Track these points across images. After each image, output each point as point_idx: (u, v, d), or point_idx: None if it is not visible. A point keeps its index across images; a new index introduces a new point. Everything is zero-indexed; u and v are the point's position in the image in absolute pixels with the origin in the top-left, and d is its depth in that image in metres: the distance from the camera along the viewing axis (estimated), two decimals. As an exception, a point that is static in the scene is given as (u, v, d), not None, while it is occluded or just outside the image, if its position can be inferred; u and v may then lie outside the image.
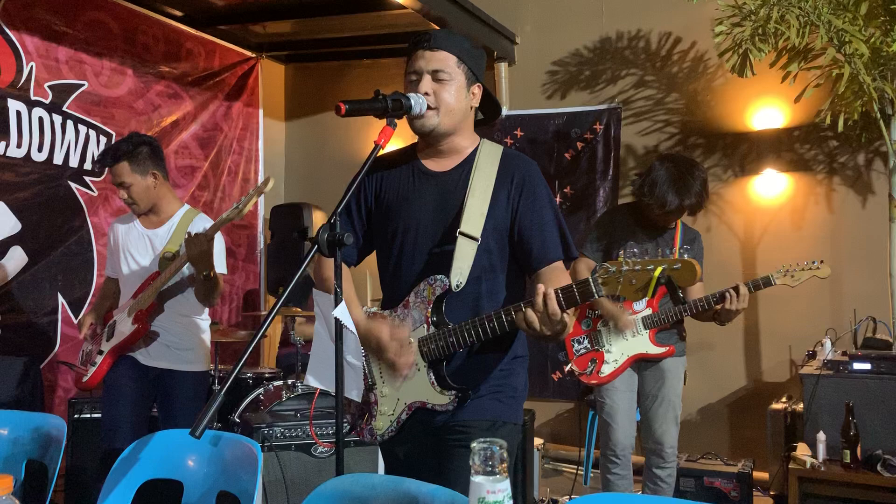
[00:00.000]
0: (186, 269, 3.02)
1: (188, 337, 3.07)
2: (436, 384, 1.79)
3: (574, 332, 3.30)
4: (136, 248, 3.10)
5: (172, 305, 3.04)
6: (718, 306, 2.97)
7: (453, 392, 1.78)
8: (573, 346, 3.28)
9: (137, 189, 3.02)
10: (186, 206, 3.17)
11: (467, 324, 1.74)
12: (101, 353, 3.05)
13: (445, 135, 1.86)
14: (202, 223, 3.05)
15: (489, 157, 1.88)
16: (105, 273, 3.32)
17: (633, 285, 1.53)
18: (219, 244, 3.02)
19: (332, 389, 1.72)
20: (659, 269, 1.50)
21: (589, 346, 3.23)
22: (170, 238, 3.06)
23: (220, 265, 3.03)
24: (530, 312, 1.62)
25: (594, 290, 1.58)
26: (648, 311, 3.14)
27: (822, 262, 3.09)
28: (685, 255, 3.14)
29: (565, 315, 1.63)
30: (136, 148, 3.01)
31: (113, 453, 2.94)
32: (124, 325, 3.02)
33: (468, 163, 1.88)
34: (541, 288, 1.61)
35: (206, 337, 3.17)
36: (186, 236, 2.86)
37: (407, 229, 1.88)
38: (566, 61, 5.18)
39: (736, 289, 2.91)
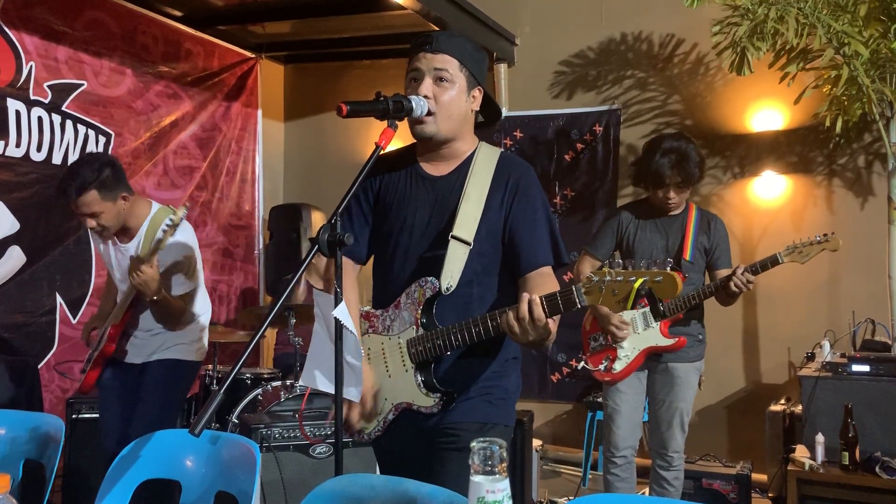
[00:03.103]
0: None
1: (189, 333, 3.06)
2: (422, 386, 1.79)
3: (592, 328, 3.29)
4: (114, 264, 3.03)
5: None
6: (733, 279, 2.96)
7: (438, 395, 1.78)
8: (590, 343, 3.27)
9: (108, 216, 2.84)
10: (156, 208, 2.98)
11: (454, 326, 1.74)
12: (89, 361, 3.07)
13: (445, 140, 1.87)
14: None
15: (486, 161, 1.89)
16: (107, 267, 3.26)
17: (614, 296, 1.52)
18: (184, 253, 2.88)
19: (326, 390, 1.72)
20: (640, 281, 1.48)
21: (604, 342, 3.21)
22: (140, 248, 2.91)
23: (182, 286, 2.90)
24: (510, 317, 1.62)
25: (577, 300, 1.57)
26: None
27: (832, 233, 3.04)
28: (700, 246, 3.15)
29: (550, 321, 1.62)
30: (101, 173, 2.78)
31: (105, 455, 2.98)
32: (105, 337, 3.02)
33: (465, 166, 1.88)
34: (525, 296, 1.61)
35: (203, 331, 3.12)
36: (131, 260, 2.74)
37: (401, 231, 1.89)
38: (566, 63, 5.18)
39: (733, 273, 2.95)
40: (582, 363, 3.27)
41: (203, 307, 3.13)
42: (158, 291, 2.77)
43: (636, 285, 1.48)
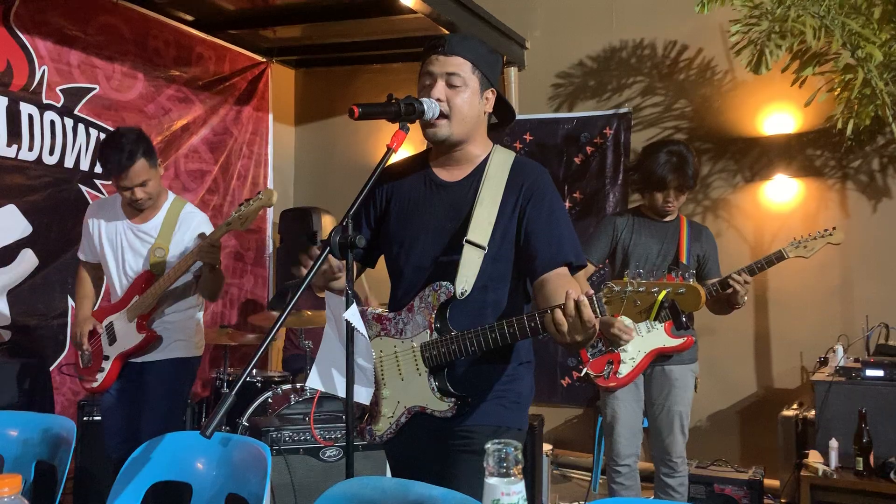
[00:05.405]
0: (191, 274, 3.00)
1: (187, 329, 3.08)
2: (436, 390, 1.79)
3: None
4: (125, 245, 3.02)
5: (175, 302, 3.04)
6: (729, 290, 2.95)
7: (453, 399, 1.77)
8: (587, 350, 3.23)
9: (154, 183, 2.92)
10: (172, 196, 3.08)
11: (470, 332, 1.73)
12: (106, 358, 3.04)
13: (458, 143, 1.86)
14: (192, 217, 3.01)
15: (500, 165, 1.88)
16: (82, 257, 3.22)
17: (636, 307, 1.49)
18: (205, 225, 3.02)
19: (334, 392, 1.72)
20: (663, 293, 1.46)
21: (603, 348, 3.18)
22: (159, 232, 2.98)
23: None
24: (558, 315, 1.54)
25: (597, 309, 1.53)
26: None
27: (833, 228, 3.09)
28: (693, 253, 3.15)
29: (597, 321, 1.56)
30: (140, 142, 2.84)
31: (110, 457, 2.99)
32: (128, 331, 2.99)
33: (479, 171, 1.88)
34: (571, 292, 1.53)
35: (201, 325, 3.18)
36: (199, 244, 2.82)
37: (416, 237, 1.88)
38: (576, 67, 5.17)
39: (738, 274, 2.95)
40: (584, 371, 3.23)
41: (201, 301, 3.18)
42: (219, 260, 2.89)
43: (660, 297, 1.46)
